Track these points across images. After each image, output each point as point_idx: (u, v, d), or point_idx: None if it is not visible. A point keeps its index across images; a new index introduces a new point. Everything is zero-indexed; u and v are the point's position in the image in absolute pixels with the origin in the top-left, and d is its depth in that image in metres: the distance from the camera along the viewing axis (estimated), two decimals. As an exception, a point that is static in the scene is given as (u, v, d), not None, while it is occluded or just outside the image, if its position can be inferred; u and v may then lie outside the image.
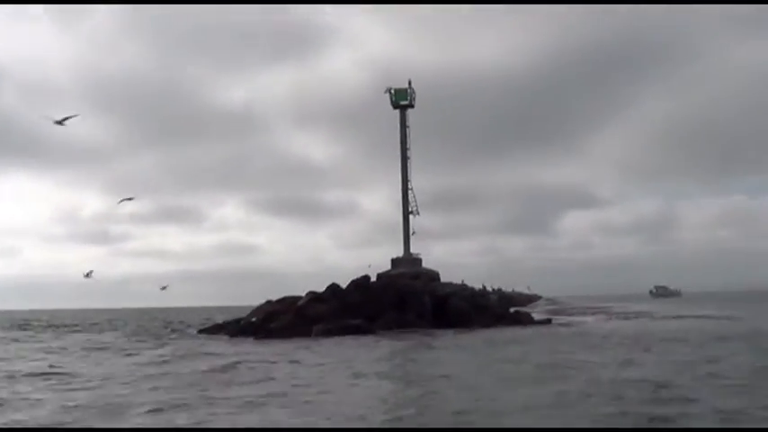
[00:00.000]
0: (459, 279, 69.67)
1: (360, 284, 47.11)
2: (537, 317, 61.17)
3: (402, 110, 56.76)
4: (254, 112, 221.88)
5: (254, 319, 46.11)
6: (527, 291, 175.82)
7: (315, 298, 46.13)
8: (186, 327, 53.73)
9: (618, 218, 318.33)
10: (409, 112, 57.10)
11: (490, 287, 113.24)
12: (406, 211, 56.59)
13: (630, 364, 21.65)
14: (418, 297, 45.79)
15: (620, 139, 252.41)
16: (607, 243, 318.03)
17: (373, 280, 49.93)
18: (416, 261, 56.24)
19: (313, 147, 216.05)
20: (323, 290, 46.35)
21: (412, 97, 56.72)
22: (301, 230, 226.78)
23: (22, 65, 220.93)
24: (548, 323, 49.64)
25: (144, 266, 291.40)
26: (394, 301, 45.12)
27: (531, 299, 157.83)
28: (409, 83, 56.92)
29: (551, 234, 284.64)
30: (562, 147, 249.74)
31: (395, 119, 57.10)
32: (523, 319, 50.64)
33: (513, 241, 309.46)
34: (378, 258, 55.63)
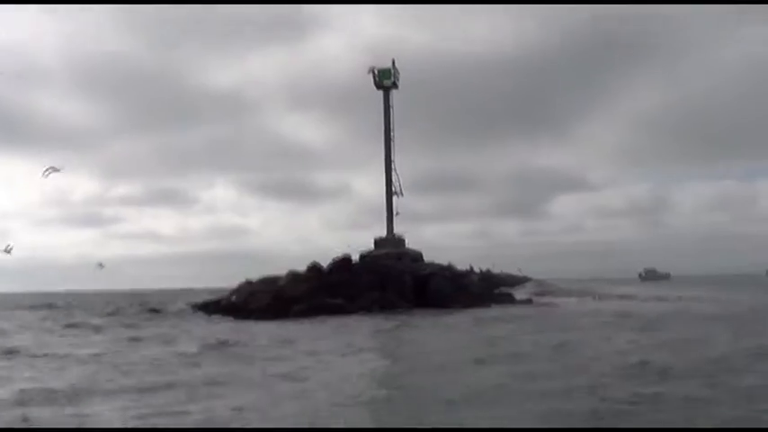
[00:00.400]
0: (447, 261, 69.73)
1: (341, 264, 47.16)
2: (520, 297, 61.48)
3: (386, 90, 56.54)
4: (245, 94, 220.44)
5: (233, 299, 46.13)
6: (518, 273, 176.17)
7: (295, 278, 46.20)
8: (167, 307, 53.59)
9: (609, 202, 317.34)
10: (398, 93, 57.02)
11: (478, 269, 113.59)
12: (389, 192, 56.57)
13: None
14: (399, 277, 45.85)
15: (613, 123, 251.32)
16: (598, 227, 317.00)
17: (356, 260, 50.11)
18: (400, 241, 56.21)
19: (305, 129, 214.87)
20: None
21: (396, 77, 56.48)
22: (292, 212, 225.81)
23: (9, 48, 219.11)
24: (528, 303, 49.82)
25: (136, 249, 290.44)
26: (375, 281, 45.19)
27: (519, 280, 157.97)
28: (393, 63, 56.67)
29: (543, 217, 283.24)
30: (555, 131, 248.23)
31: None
32: (505, 300, 50.78)
33: (505, 224, 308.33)
34: (368, 240, 55.45)
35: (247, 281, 48.10)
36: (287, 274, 46.91)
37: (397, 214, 56.76)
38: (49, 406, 13.23)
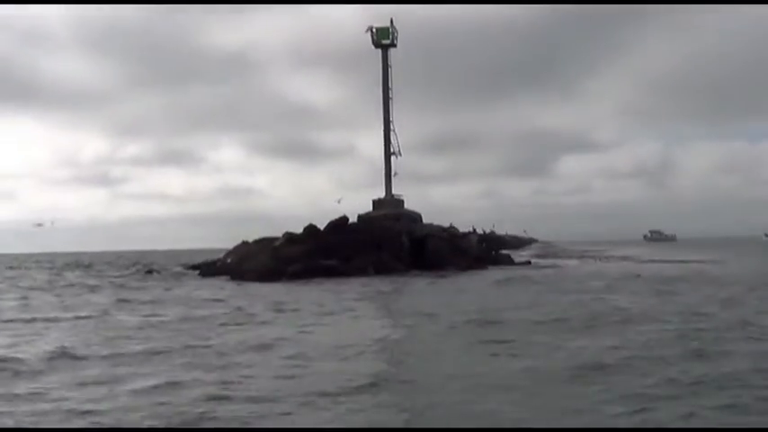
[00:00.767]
0: (451, 222, 69.16)
1: (337, 225, 46.61)
2: (520, 259, 61.06)
3: (384, 49, 55.50)
4: (251, 54, 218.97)
5: (229, 260, 45.71)
6: (524, 234, 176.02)
7: (291, 239, 45.68)
8: (164, 268, 53.43)
9: (617, 162, 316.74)
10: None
11: (481, 230, 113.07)
12: (387, 152, 55.75)
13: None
14: (395, 238, 45.31)
15: (621, 82, 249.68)
16: (606, 187, 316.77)
17: (354, 221, 49.64)
18: (398, 202, 55.58)
19: (311, 89, 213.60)
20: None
21: (394, 36, 55.38)
22: (300, 173, 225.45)
23: (15, 7, 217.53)
24: (527, 265, 49.41)
25: (144, 209, 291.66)
26: (371, 242, 44.62)
27: (524, 242, 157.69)
28: (391, 22, 55.52)
29: (550, 177, 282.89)
30: (562, 90, 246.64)
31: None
32: (504, 261, 50.37)
33: (512, 184, 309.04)
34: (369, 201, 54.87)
35: (243, 242, 47.68)
36: (283, 234, 46.40)
37: (395, 174, 56.02)
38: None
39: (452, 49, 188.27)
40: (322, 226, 46.36)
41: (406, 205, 56.19)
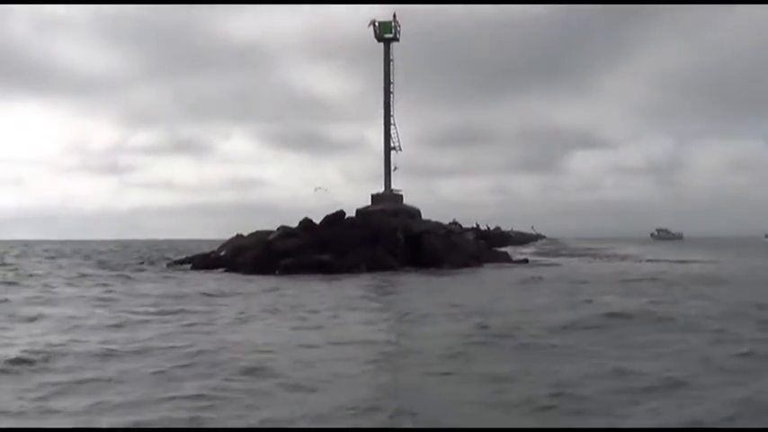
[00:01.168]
0: (461, 217, 68.73)
1: (333, 219, 46.36)
2: (521, 257, 60.71)
3: (386, 43, 55.17)
4: (264, 45, 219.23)
5: (222, 253, 45.53)
6: (531, 231, 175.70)
7: (286, 233, 45.48)
8: (160, 259, 53.32)
9: (627, 159, 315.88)
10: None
11: (485, 226, 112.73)
12: (387, 147, 55.48)
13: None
14: (391, 234, 44.99)
15: (633, 79, 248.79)
16: (615, 185, 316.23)
17: (352, 215, 49.48)
18: (397, 197, 55.31)
19: (324, 81, 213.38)
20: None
21: (397, 30, 55.06)
22: (310, 164, 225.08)
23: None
24: (523, 263, 49.07)
25: (153, 198, 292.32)
26: (366, 238, 44.35)
27: (530, 239, 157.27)
28: (394, 16, 55.18)
29: (560, 174, 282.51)
30: (573, 86, 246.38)
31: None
32: (500, 259, 50.05)
33: (522, 180, 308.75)
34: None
35: (238, 234, 47.47)
36: (278, 228, 46.20)
37: (395, 169, 55.77)
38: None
39: (465, 44, 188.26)
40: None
41: (405, 200, 55.95)
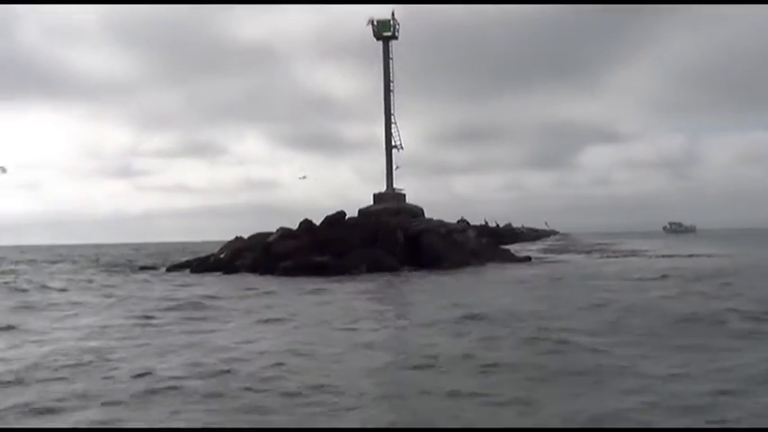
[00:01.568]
0: (475, 214, 68.25)
1: (332, 220, 46.07)
2: (529, 253, 60.31)
3: (385, 41, 54.87)
4: (275, 45, 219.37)
5: (222, 256, 45.31)
6: (545, 227, 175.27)
7: (285, 234, 45.24)
8: (165, 262, 53.27)
9: (640, 154, 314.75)
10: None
11: (494, 222, 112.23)
12: (388, 146, 55.22)
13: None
14: (390, 233, 44.62)
15: (645, 74, 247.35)
16: (628, 179, 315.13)
17: (352, 216, 49.23)
18: (400, 196, 55.06)
19: (335, 80, 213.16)
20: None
21: (395, 29, 54.77)
22: (323, 164, 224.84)
23: (43, 2, 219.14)
24: (526, 261, 48.61)
25: (167, 201, 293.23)
26: (365, 238, 44.03)
27: (541, 235, 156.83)
28: (392, 14, 54.86)
29: (574, 169, 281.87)
30: (586, 81, 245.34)
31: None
32: (503, 257, 49.58)
33: (536, 176, 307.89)
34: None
35: (237, 237, 47.23)
36: (277, 229, 45.97)
37: (397, 168, 55.56)
38: None
39: (476, 41, 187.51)
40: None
41: (413, 199, 55.74)
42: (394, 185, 55.55)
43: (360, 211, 52.05)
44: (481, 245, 50.04)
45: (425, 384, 10.81)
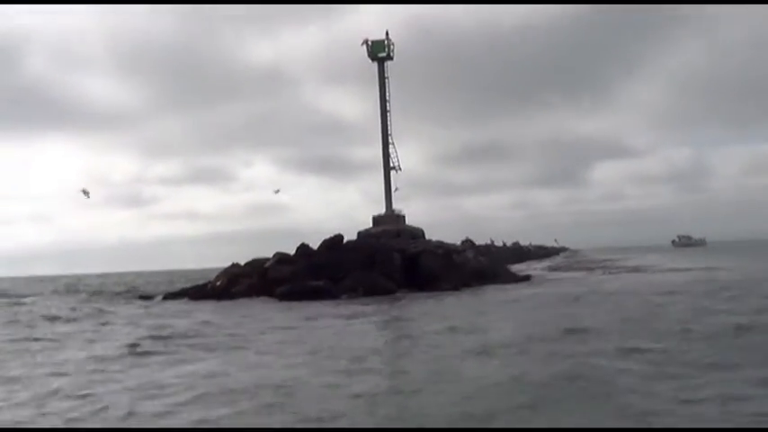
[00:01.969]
0: (485, 233, 67.34)
1: (330, 244, 45.67)
2: (533, 272, 59.74)
3: (380, 62, 54.53)
4: (281, 70, 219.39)
5: (218, 283, 44.90)
6: (555, 243, 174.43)
7: (282, 259, 44.85)
8: (167, 289, 52.98)
9: (650, 168, 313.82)
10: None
11: (501, 242, 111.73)
12: (387, 167, 54.72)
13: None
14: (387, 256, 44.14)
15: (652, 88, 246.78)
16: (639, 194, 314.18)
17: (351, 239, 48.81)
18: (399, 218, 54.48)
19: (342, 103, 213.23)
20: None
21: (390, 49, 54.40)
22: (332, 187, 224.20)
23: (50, 31, 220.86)
24: (525, 281, 48.00)
25: (176, 228, 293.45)
26: (362, 261, 43.55)
27: (550, 252, 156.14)
28: (386, 34, 54.52)
29: (583, 186, 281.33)
30: (593, 96, 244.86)
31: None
32: (503, 277, 48.98)
33: (546, 194, 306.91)
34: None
35: (234, 264, 46.80)
36: (274, 255, 45.58)
37: (396, 190, 54.99)
38: None
39: (482, 60, 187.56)
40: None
41: (415, 220, 55.21)
42: (393, 207, 55.06)
43: (359, 233, 51.58)
44: (481, 265, 49.44)
45: None
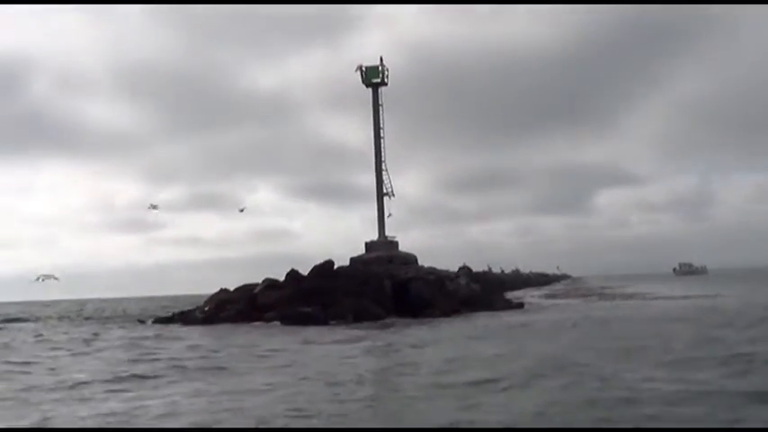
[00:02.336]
0: (485, 260, 66.43)
1: (320, 270, 45.37)
2: (526, 299, 59.31)
3: (374, 88, 54.46)
4: (285, 96, 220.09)
5: (207, 308, 44.57)
6: (557, 271, 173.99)
7: (271, 285, 44.58)
8: (151, 316, 52.66)
9: (653, 195, 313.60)
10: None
11: (499, 268, 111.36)
12: (380, 193, 54.44)
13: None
14: (378, 282, 43.78)
15: (655, 115, 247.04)
16: (642, 221, 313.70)
17: (344, 264, 48.55)
18: (392, 244, 54.11)
19: (346, 130, 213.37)
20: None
21: (384, 75, 54.35)
22: (336, 214, 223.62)
23: (53, 55, 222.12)
24: (517, 309, 47.53)
25: (180, 254, 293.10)
26: (353, 287, 43.19)
27: (550, 279, 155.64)
28: (381, 60, 54.57)
29: (586, 213, 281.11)
30: (596, 124, 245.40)
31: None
32: (495, 304, 48.54)
33: (548, 221, 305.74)
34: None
35: (222, 289, 46.52)
36: (263, 280, 45.30)
37: (389, 216, 54.70)
38: None
39: (487, 87, 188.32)
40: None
41: (411, 246, 54.92)
42: (387, 233, 54.76)
43: (352, 259, 51.23)
44: (473, 292, 49.03)
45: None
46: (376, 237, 54.50)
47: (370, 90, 54.61)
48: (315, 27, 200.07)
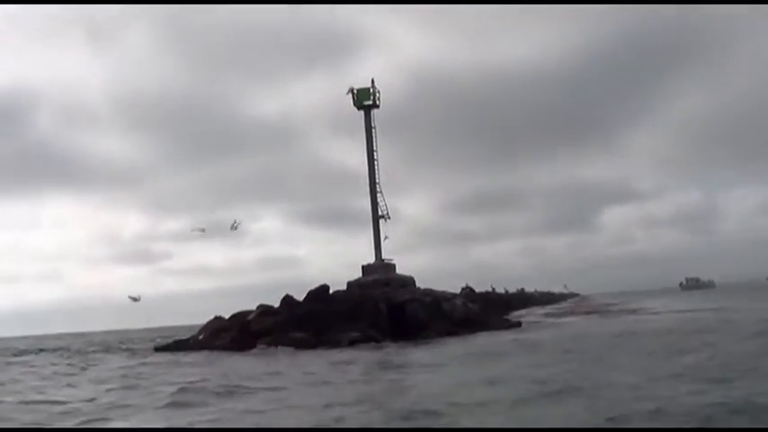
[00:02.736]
0: (489, 281, 65.69)
1: (315, 294, 44.90)
2: (521, 319, 58.69)
3: (366, 110, 54.19)
4: (289, 122, 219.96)
5: (200, 337, 44.15)
6: (564, 289, 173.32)
7: (265, 311, 44.12)
8: (149, 346, 52.28)
9: (659, 211, 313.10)
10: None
11: (503, 288, 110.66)
12: (375, 216, 54.01)
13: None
14: (372, 305, 43.28)
15: (658, 132, 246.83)
16: (648, 237, 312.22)
17: (340, 289, 48.09)
18: (389, 267, 53.59)
19: (351, 154, 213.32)
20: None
21: (376, 97, 54.12)
22: (339, 238, 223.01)
23: (55, 87, 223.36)
24: (515, 328, 46.95)
25: (187, 284, 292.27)
26: (347, 311, 42.70)
27: (556, 298, 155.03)
28: (372, 82, 54.30)
29: (592, 231, 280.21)
30: (599, 142, 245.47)
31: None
32: (495, 324, 48.02)
33: (553, 240, 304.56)
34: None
35: (216, 317, 46.09)
36: (257, 307, 44.85)
37: (386, 239, 54.19)
38: None
39: (490, 106, 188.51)
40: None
41: (405, 269, 54.26)
42: (384, 256, 54.28)
43: (348, 283, 50.75)
44: (470, 312, 48.46)
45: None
46: (373, 260, 54.14)
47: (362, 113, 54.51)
48: (316, 50, 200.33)
